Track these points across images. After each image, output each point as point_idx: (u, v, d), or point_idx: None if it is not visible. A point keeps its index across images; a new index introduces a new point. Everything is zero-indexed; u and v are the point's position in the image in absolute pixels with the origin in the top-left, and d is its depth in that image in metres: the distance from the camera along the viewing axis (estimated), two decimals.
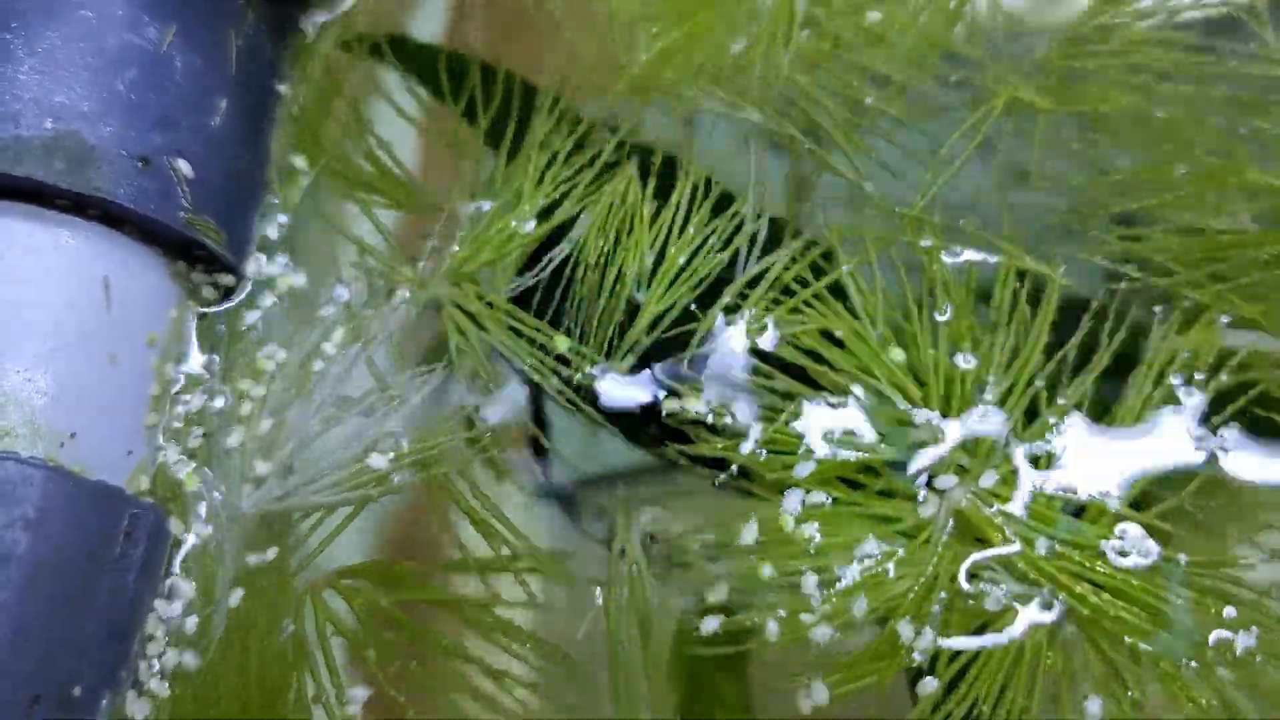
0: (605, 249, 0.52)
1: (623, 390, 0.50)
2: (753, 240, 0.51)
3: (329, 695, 0.46)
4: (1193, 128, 0.51)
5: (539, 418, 0.51)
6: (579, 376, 0.50)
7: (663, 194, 0.53)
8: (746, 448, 0.47)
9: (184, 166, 0.48)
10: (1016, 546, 0.43)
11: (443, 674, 0.47)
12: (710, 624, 0.45)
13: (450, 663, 0.47)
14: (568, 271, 0.52)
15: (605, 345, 0.51)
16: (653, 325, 0.50)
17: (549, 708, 0.46)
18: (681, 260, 0.51)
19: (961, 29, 0.55)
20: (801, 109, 0.54)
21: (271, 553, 0.48)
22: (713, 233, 0.52)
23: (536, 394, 0.51)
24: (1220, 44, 0.53)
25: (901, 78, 0.54)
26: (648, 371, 0.50)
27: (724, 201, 0.53)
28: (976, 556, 0.44)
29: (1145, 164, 0.51)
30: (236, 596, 0.47)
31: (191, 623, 0.47)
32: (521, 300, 0.52)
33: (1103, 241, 0.50)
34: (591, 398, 0.50)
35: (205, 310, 0.52)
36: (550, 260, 0.52)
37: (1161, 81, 0.52)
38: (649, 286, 0.51)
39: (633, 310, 0.51)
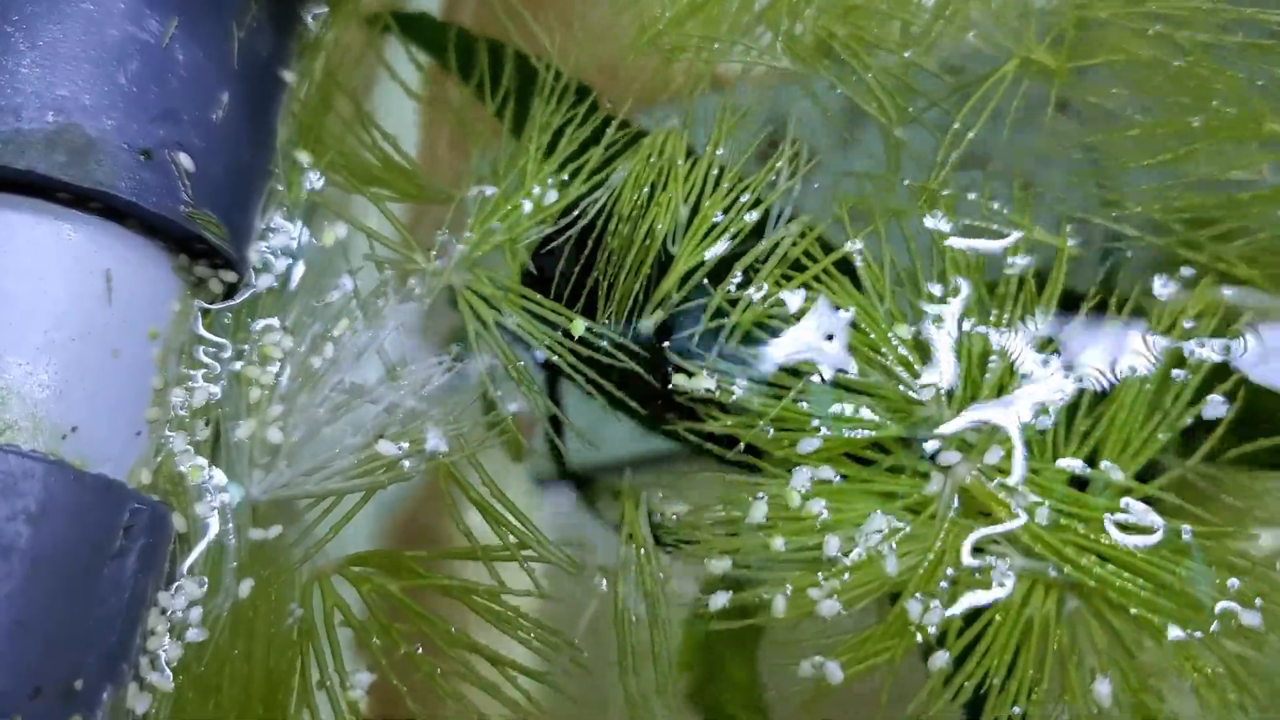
0: (639, 201, 0.52)
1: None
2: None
3: (333, 681, 0.46)
4: (1210, 78, 0.50)
5: (556, 402, 0.51)
6: (606, 343, 0.50)
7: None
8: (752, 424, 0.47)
9: (185, 160, 0.48)
10: (1020, 520, 0.44)
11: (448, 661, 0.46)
12: (719, 600, 0.45)
13: (456, 651, 0.46)
14: (594, 234, 0.52)
15: (635, 300, 0.50)
16: (684, 281, 0.50)
17: (554, 696, 0.46)
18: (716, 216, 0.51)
19: None
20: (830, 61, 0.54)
21: (277, 536, 0.48)
22: (748, 188, 0.51)
23: (553, 379, 0.51)
24: None
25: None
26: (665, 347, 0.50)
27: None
28: (981, 532, 0.44)
29: (1161, 118, 0.51)
30: (244, 588, 0.47)
31: (195, 614, 0.46)
32: (542, 276, 0.52)
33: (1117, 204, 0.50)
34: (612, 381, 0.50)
35: (210, 302, 0.52)
36: (582, 215, 0.52)
37: (1178, 30, 0.51)
38: (683, 238, 0.51)
39: (662, 267, 0.51)
